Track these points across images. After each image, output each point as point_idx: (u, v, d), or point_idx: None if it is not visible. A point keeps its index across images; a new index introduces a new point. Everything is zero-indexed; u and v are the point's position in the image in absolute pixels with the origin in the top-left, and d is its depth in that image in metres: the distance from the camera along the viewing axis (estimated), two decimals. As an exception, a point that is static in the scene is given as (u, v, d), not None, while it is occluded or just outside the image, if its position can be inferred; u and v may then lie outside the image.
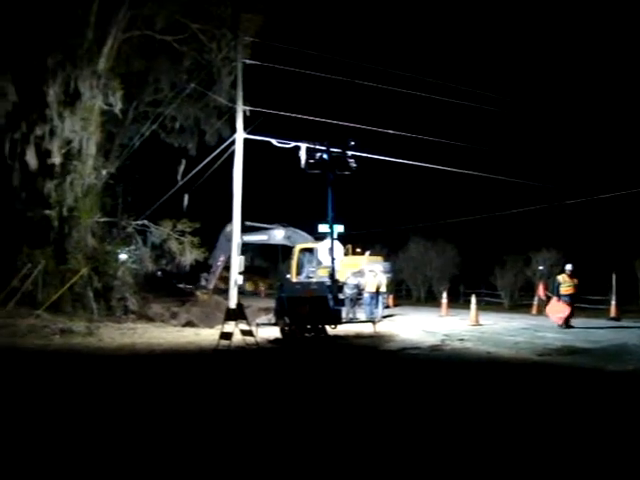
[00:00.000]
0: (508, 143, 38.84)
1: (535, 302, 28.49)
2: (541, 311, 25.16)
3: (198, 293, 29.50)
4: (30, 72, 23.97)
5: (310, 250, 29.09)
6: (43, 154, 24.11)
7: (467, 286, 36.99)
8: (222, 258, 29.09)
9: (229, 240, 27.78)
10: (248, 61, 22.75)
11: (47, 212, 23.88)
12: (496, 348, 15.74)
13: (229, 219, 23.28)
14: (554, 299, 21.30)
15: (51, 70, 23.27)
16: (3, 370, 11.94)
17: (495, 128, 39.61)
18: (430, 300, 39.57)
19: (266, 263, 55.43)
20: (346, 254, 29.44)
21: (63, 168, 24.07)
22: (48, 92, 23.38)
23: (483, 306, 29.71)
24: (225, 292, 28.02)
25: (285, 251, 33.58)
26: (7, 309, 20.44)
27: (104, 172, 25.75)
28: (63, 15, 23.06)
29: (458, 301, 34.67)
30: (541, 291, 24.95)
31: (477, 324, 22.26)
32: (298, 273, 29.38)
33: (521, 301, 34.04)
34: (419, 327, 21.63)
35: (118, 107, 24.52)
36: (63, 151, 23.98)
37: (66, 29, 23.22)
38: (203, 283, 30.67)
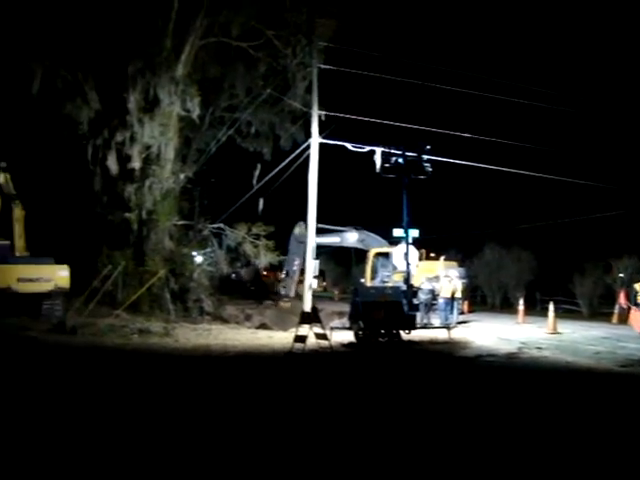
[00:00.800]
0: (588, 146, 37.71)
1: (616, 311, 27.49)
2: (622, 320, 24.28)
3: (281, 303, 29.08)
4: (111, 80, 24.77)
5: (385, 254, 28.73)
6: (123, 159, 24.87)
7: (544, 293, 36.04)
8: (297, 262, 28.86)
9: (300, 242, 27.84)
10: (323, 66, 22.89)
11: (127, 215, 24.58)
12: (575, 357, 15.25)
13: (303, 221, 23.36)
14: (633, 308, 20.57)
15: (131, 77, 23.97)
16: (86, 368, 12.33)
17: (574, 131, 38.55)
18: (505, 307, 38.75)
19: (322, 264, 54.84)
20: (420, 259, 29.02)
21: (142, 172, 24.76)
22: (128, 99, 24.09)
23: (561, 314, 28.75)
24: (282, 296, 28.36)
25: (358, 255, 33.29)
26: (89, 309, 21.05)
27: (182, 176, 26.29)
28: (143, 25, 23.73)
29: (535, 308, 33.77)
30: (622, 299, 24.11)
31: (555, 332, 21.63)
32: (372, 277, 29.13)
33: (600, 309, 32.92)
34: (495, 334, 21.19)
35: (196, 113, 25.03)
36: (143, 156, 24.67)
37: (146, 38, 23.89)
38: (283, 292, 30.27)
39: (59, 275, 20.48)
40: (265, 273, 38.80)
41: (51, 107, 24.74)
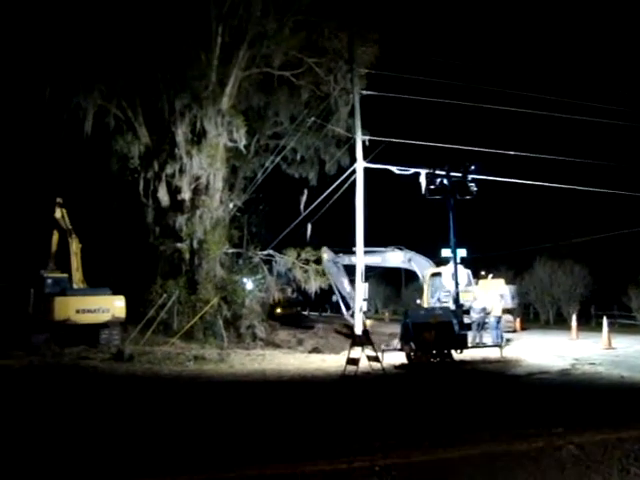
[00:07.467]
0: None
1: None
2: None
3: (367, 321, 27.49)
4: (160, 115, 25.63)
5: (441, 275, 28.36)
6: (174, 191, 25.58)
7: (598, 307, 35.39)
8: (346, 281, 28.60)
9: (335, 262, 27.91)
10: (364, 92, 23.13)
11: (179, 245, 25.20)
12: (630, 372, 14.93)
13: (351, 245, 23.52)
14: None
15: (179, 112, 24.75)
16: (146, 395, 12.71)
17: (625, 141, 37.88)
18: (559, 323, 38.08)
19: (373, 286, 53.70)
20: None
21: (192, 203, 25.40)
22: (177, 132, 24.86)
23: (617, 328, 28.26)
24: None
25: (407, 276, 33.04)
26: (145, 337, 21.57)
27: (231, 205, 26.88)
28: (188, 60, 24.51)
29: (589, 323, 33.15)
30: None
31: (610, 347, 21.23)
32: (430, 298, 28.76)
33: (658, 322, 32.15)
34: (548, 351, 20.92)
35: (242, 143, 25.62)
36: (192, 187, 25.33)
37: (192, 73, 24.64)
38: (348, 316, 29.05)
39: (116, 305, 21.06)
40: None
41: (103, 144, 25.70)
